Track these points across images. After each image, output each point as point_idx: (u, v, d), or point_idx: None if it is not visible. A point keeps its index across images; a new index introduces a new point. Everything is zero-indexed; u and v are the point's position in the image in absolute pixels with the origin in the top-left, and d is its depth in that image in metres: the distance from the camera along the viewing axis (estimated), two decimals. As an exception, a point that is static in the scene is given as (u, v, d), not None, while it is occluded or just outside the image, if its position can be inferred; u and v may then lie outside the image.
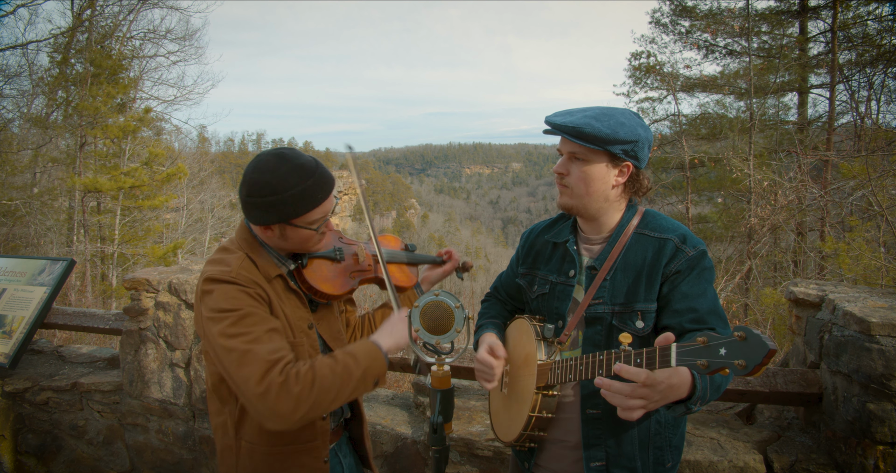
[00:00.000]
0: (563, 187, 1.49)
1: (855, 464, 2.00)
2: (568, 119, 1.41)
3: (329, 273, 1.62)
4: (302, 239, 1.47)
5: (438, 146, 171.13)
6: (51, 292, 3.41)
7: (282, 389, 1.24)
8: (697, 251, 1.41)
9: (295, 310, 1.50)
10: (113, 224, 14.61)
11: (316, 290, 1.57)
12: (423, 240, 73.33)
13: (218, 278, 1.36)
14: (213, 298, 1.35)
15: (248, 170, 1.40)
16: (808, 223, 10.85)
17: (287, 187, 1.36)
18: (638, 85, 15.10)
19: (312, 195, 1.40)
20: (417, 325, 1.74)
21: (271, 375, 1.25)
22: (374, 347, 1.44)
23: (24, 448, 3.34)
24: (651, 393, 1.12)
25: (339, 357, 1.38)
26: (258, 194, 1.37)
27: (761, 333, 0.93)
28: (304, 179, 1.38)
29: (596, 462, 1.47)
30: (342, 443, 1.71)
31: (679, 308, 1.38)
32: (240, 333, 1.30)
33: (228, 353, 1.28)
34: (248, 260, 1.43)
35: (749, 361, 0.92)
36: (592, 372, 1.29)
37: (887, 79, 11.39)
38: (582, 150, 1.42)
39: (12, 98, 15.40)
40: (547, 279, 1.60)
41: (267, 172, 1.37)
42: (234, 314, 1.32)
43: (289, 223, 1.42)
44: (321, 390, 1.30)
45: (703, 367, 0.98)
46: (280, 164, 1.37)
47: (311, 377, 1.29)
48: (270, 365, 1.26)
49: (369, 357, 1.41)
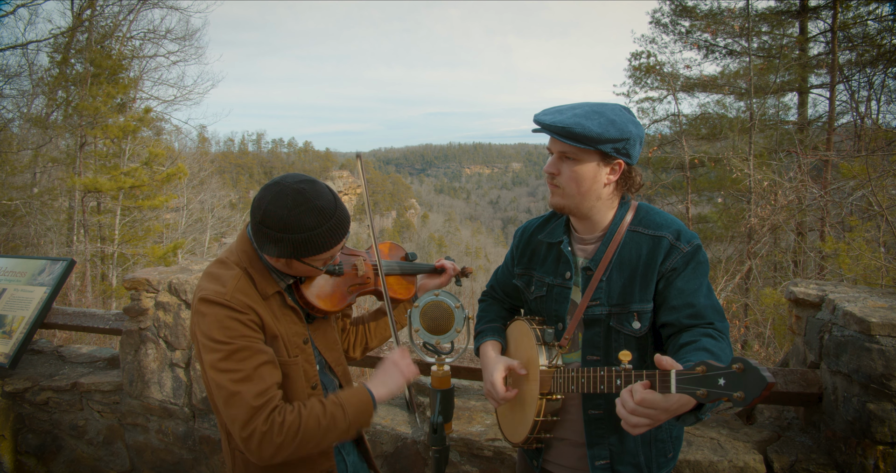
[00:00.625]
0: (554, 186, 1.47)
1: (855, 464, 2.00)
2: (557, 118, 1.39)
3: (327, 289, 1.60)
4: (306, 271, 1.46)
5: (438, 146, 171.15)
6: (51, 292, 3.41)
7: (264, 437, 1.27)
8: (692, 247, 1.41)
9: (290, 326, 1.48)
10: (113, 224, 14.62)
11: (313, 306, 1.55)
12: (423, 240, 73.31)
13: (212, 299, 1.35)
14: (206, 322, 1.34)
15: (266, 196, 1.36)
16: (808, 223, 10.85)
17: (303, 228, 1.34)
18: (638, 85, 15.12)
19: (326, 240, 1.38)
20: (417, 325, 1.74)
21: (256, 422, 1.27)
22: (367, 400, 1.43)
23: (24, 448, 3.34)
24: (658, 414, 1.11)
25: (329, 409, 1.37)
26: (273, 226, 1.34)
27: (759, 365, 0.94)
28: (321, 223, 1.36)
29: (601, 461, 1.47)
30: (345, 442, 1.71)
31: (676, 304, 1.38)
32: (230, 369, 1.30)
33: (218, 389, 1.30)
34: (245, 278, 1.41)
35: (748, 394, 0.93)
36: (593, 387, 1.29)
37: (887, 79, 11.40)
38: (572, 149, 1.40)
39: (12, 98, 15.41)
40: (543, 282, 1.59)
41: (285, 208, 1.33)
42: (225, 348, 1.31)
43: (297, 259, 1.41)
44: (304, 440, 1.32)
45: (703, 396, 0.98)
46: (301, 202, 1.34)
47: (297, 427, 1.31)
48: (255, 411, 1.28)
49: (358, 411, 1.41)
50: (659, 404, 1.09)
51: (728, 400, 0.95)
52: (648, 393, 1.10)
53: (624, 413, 1.14)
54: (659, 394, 1.09)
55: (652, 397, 1.10)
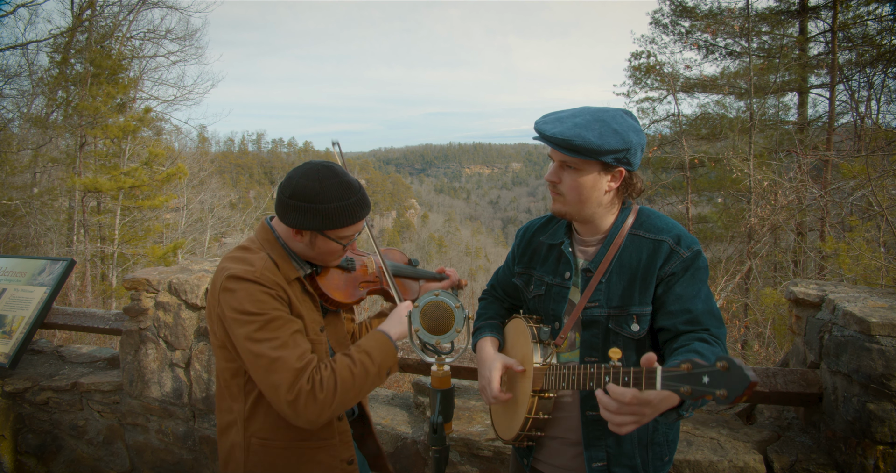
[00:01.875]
0: (556, 194, 1.49)
1: (855, 464, 2.00)
2: (558, 129, 1.38)
3: (340, 282, 1.67)
4: (327, 251, 1.51)
5: (438, 146, 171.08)
6: (51, 292, 3.41)
7: (309, 396, 1.32)
8: (692, 252, 1.41)
9: (310, 312, 1.53)
10: (113, 224, 14.61)
11: (328, 297, 1.61)
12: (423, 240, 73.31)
13: (242, 276, 1.38)
14: (236, 298, 1.37)
15: (296, 174, 1.45)
16: (808, 223, 10.85)
17: (332, 198, 1.42)
18: (638, 85, 15.12)
19: (352, 213, 1.46)
20: (417, 325, 1.74)
21: (300, 383, 1.32)
22: (385, 339, 1.52)
23: (24, 448, 3.34)
24: (642, 409, 1.13)
25: (356, 357, 1.44)
26: (303, 198, 1.41)
27: (743, 364, 0.95)
28: (348, 196, 1.44)
29: (597, 463, 1.48)
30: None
31: (673, 310, 1.38)
32: (267, 338, 1.34)
33: (256, 358, 1.33)
34: (269, 261, 1.46)
35: (731, 392, 0.94)
36: (583, 384, 1.30)
37: (887, 79, 11.41)
38: (573, 160, 1.40)
39: (12, 98, 15.41)
40: (543, 281, 1.60)
41: (316, 180, 1.42)
42: (260, 318, 1.35)
43: (321, 233, 1.46)
44: (343, 392, 1.37)
45: (687, 394, 1.00)
46: (329, 176, 1.44)
47: (334, 381, 1.37)
48: (298, 373, 1.32)
49: (383, 352, 1.49)
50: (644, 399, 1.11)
51: (711, 398, 0.97)
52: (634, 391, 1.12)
53: (608, 414, 1.15)
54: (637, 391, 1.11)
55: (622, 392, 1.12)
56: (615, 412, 1.14)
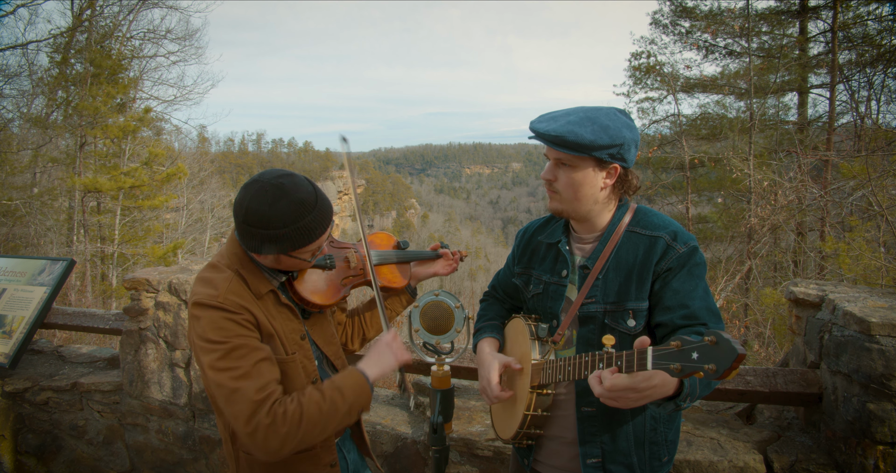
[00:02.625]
0: (552, 192, 1.51)
1: (855, 464, 2.00)
2: (551, 126, 1.41)
3: (320, 283, 1.60)
4: (295, 265, 1.47)
5: (438, 146, 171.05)
6: (51, 292, 3.41)
7: (269, 430, 1.28)
8: (688, 248, 1.42)
9: (287, 323, 1.49)
10: (113, 224, 14.61)
11: (308, 301, 1.55)
12: (423, 240, 73.26)
13: (205, 302, 1.36)
14: (201, 325, 1.34)
15: (246, 195, 1.36)
16: (808, 223, 10.85)
17: (284, 223, 1.34)
18: (638, 85, 15.13)
19: (310, 232, 1.38)
20: (417, 325, 1.75)
21: (258, 416, 1.28)
22: (361, 380, 1.45)
23: (24, 448, 3.34)
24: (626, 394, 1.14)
25: (327, 393, 1.39)
26: (255, 224, 1.34)
27: (731, 337, 0.96)
28: (302, 216, 1.35)
29: (592, 459, 1.48)
30: (345, 439, 1.72)
31: (670, 305, 1.39)
32: (228, 367, 1.30)
33: (218, 387, 1.31)
34: (237, 280, 1.42)
35: (719, 365, 0.95)
36: (579, 373, 1.31)
37: (887, 79, 11.39)
38: (567, 156, 1.42)
39: (12, 98, 15.41)
40: (541, 279, 1.61)
41: (265, 205, 1.33)
42: (222, 347, 1.32)
43: (284, 254, 1.41)
44: (308, 427, 1.32)
45: (677, 371, 1.01)
46: (279, 197, 1.33)
47: (299, 415, 1.32)
48: (257, 406, 1.28)
49: (356, 392, 1.42)
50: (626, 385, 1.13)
51: (702, 374, 0.97)
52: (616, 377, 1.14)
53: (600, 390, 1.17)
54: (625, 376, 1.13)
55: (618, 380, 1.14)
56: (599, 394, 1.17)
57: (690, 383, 1.21)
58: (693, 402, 1.26)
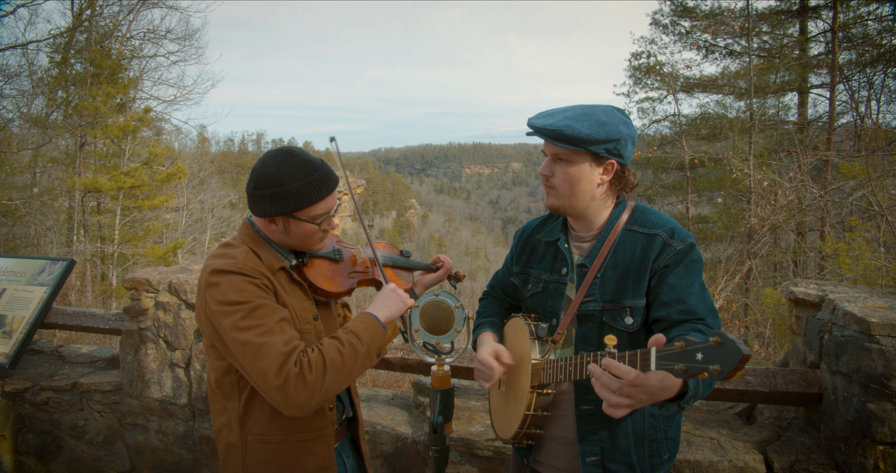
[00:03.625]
0: (549, 188, 1.51)
1: (855, 464, 2.00)
2: (548, 121, 1.42)
3: (329, 272, 1.65)
4: (305, 234, 1.49)
5: (438, 146, 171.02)
6: (51, 292, 3.41)
7: (298, 379, 1.30)
8: (685, 245, 1.42)
9: (300, 302, 1.52)
10: (113, 224, 14.61)
11: (316, 287, 1.59)
12: (423, 240, 73.29)
13: (224, 269, 1.39)
14: (220, 290, 1.37)
15: (255, 165, 1.45)
16: (808, 223, 10.85)
17: (292, 179, 1.40)
18: (638, 85, 15.13)
19: (316, 189, 1.43)
20: (417, 325, 1.75)
21: (287, 366, 1.30)
22: (372, 320, 1.49)
23: (24, 448, 3.34)
24: (638, 393, 1.11)
25: (343, 338, 1.43)
26: (264, 186, 1.41)
27: (736, 338, 0.95)
28: (309, 173, 1.42)
29: (591, 457, 1.47)
30: (345, 444, 1.72)
31: (667, 300, 1.39)
32: (252, 325, 1.33)
33: (243, 346, 1.32)
34: (251, 253, 1.46)
35: (724, 366, 0.94)
36: (581, 373, 1.31)
37: (887, 79, 11.39)
38: (564, 151, 1.43)
39: (12, 98, 15.40)
40: (540, 278, 1.61)
41: (273, 166, 1.41)
42: (244, 307, 1.34)
43: (292, 216, 1.45)
44: (333, 373, 1.35)
45: (681, 371, 1.00)
46: (286, 158, 1.42)
47: (322, 362, 1.35)
48: (286, 357, 1.30)
49: (370, 332, 1.47)
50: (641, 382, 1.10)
51: (706, 375, 0.96)
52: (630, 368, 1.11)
53: (605, 393, 1.14)
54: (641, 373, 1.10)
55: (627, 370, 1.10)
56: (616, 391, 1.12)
57: (694, 383, 1.20)
58: (695, 403, 1.26)
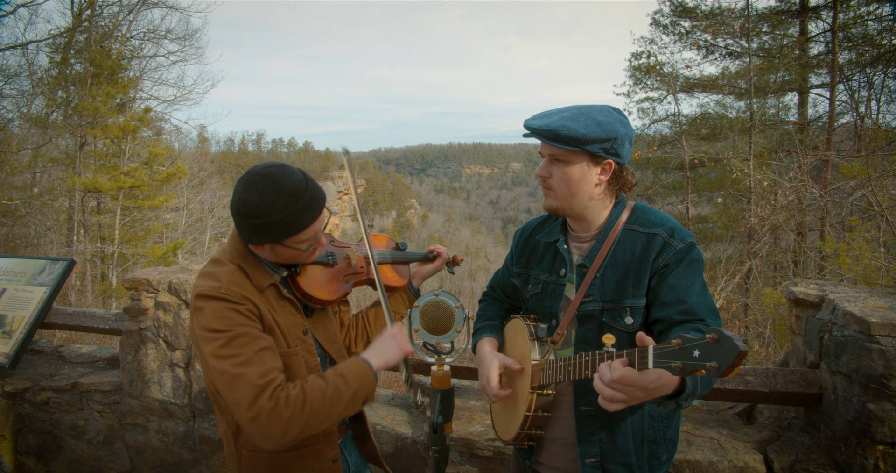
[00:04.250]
0: (546, 189, 1.50)
1: (855, 464, 2.00)
2: (544, 122, 1.41)
3: (322, 279, 1.62)
4: (293, 256, 1.46)
5: (438, 146, 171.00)
6: (51, 292, 3.41)
7: (271, 414, 1.26)
8: (685, 244, 1.41)
9: (289, 317, 1.49)
10: (113, 224, 14.61)
11: (311, 296, 1.56)
12: (423, 240, 73.25)
13: (208, 294, 1.36)
14: (204, 316, 1.35)
15: (238, 187, 1.39)
16: (808, 223, 10.85)
17: (275, 210, 1.35)
18: (638, 85, 15.14)
19: (300, 219, 1.38)
20: (417, 325, 1.75)
21: (261, 401, 1.26)
22: (364, 367, 1.44)
23: (24, 448, 3.34)
24: (632, 390, 1.12)
25: (330, 380, 1.38)
26: (246, 214, 1.36)
27: (733, 334, 0.95)
28: (292, 203, 1.36)
29: (591, 459, 1.47)
30: (346, 441, 1.72)
31: (667, 300, 1.38)
32: (230, 355, 1.30)
33: (220, 375, 1.30)
34: (238, 272, 1.42)
35: (721, 363, 0.94)
36: (579, 373, 1.30)
37: (887, 79, 11.40)
38: (561, 151, 1.42)
39: (12, 98, 15.41)
40: (539, 279, 1.60)
41: (255, 194, 1.35)
42: (224, 335, 1.32)
43: (278, 244, 1.41)
44: (311, 413, 1.31)
45: (678, 369, 1.00)
46: (268, 186, 1.35)
47: (302, 400, 1.30)
48: (260, 390, 1.27)
49: (359, 379, 1.41)
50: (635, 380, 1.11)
51: (703, 372, 0.96)
52: (626, 370, 1.11)
53: (601, 386, 1.15)
54: (636, 371, 1.11)
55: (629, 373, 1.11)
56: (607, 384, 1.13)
57: (692, 381, 1.20)
58: (693, 401, 1.26)
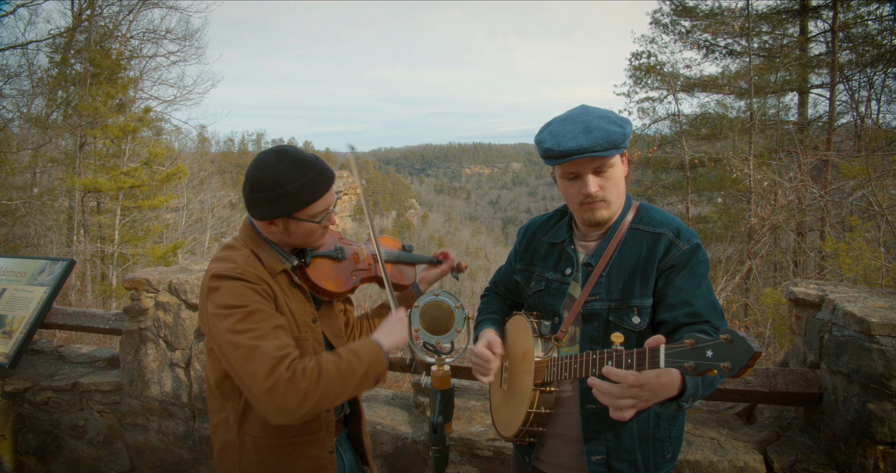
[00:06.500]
0: (600, 202, 1.43)
1: (855, 464, 2.00)
2: (596, 135, 1.35)
3: (331, 271, 1.65)
4: (305, 233, 1.49)
5: (438, 146, 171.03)
6: (51, 292, 3.41)
7: (289, 384, 1.27)
8: (691, 245, 1.42)
9: (299, 304, 1.52)
10: (113, 224, 14.61)
11: (319, 287, 1.59)
12: (423, 240, 73.28)
13: (224, 274, 1.39)
14: (219, 294, 1.37)
15: (250, 168, 1.44)
16: (808, 223, 10.85)
17: (288, 180, 1.39)
18: (638, 85, 15.12)
19: (314, 188, 1.43)
20: (417, 325, 1.74)
21: (279, 370, 1.28)
22: (376, 346, 1.47)
23: (24, 448, 3.34)
24: (641, 393, 1.12)
25: (344, 355, 1.41)
26: (261, 189, 1.40)
27: (746, 335, 0.95)
28: (304, 172, 1.42)
29: (597, 456, 1.48)
30: (342, 439, 1.73)
31: (674, 302, 1.38)
32: (247, 329, 1.32)
33: (235, 349, 1.31)
34: (252, 257, 1.46)
35: (735, 363, 0.94)
36: (586, 371, 1.30)
37: (887, 79, 11.40)
38: (608, 160, 1.40)
39: (12, 98, 15.42)
40: (543, 277, 1.61)
41: (268, 168, 1.40)
42: (240, 311, 1.34)
43: (292, 217, 1.44)
44: (327, 385, 1.33)
45: (691, 369, 0.99)
46: (281, 159, 1.41)
47: (318, 373, 1.32)
48: (277, 361, 1.29)
49: (371, 356, 1.44)
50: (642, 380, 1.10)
51: (716, 372, 0.96)
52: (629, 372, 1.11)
53: (608, 399, 1.14)
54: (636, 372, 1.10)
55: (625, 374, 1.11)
56: (618, 395, 1.13)
57: (693, 383, 1.20)
58: (695, 402, 1.26)
